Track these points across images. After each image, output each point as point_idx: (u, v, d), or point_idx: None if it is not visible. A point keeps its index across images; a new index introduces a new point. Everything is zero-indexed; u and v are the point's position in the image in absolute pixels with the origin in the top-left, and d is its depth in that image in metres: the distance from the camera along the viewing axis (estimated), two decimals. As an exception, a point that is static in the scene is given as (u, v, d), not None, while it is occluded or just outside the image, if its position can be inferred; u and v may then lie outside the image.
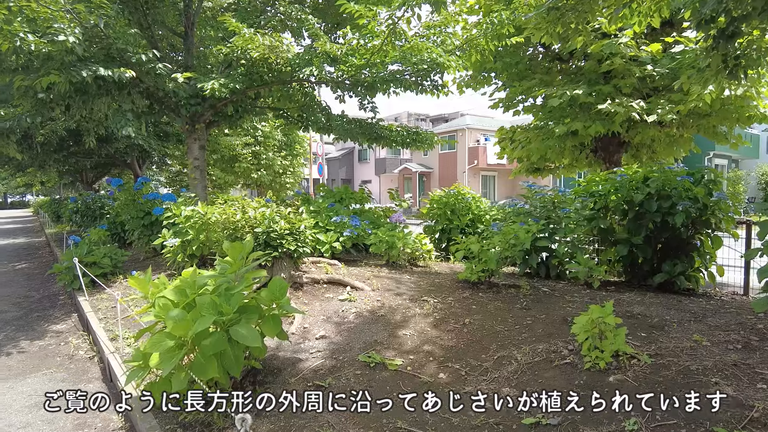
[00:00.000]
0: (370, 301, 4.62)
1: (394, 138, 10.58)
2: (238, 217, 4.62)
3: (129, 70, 6.53)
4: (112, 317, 5.81)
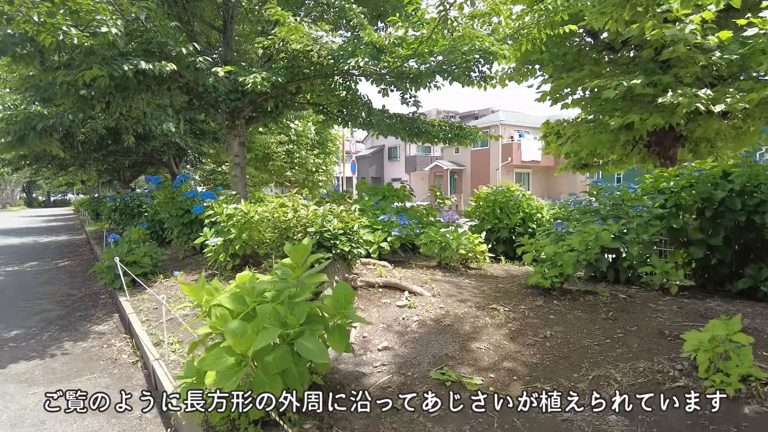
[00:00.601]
0: (432, 309, 4.23)
1: (436, 133, 10.16)
2: (289, 216, 4.30)
3: (170, 63, 6.32)
4: (155, 319, 5.59)
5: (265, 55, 8.67)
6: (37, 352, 5.28)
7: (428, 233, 5.97)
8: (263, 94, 7.96)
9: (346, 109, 9.21)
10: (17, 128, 7.91)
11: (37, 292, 8.41)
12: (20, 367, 4.84)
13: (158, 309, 5.93)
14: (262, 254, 7.06)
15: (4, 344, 5.62)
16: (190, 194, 8.36)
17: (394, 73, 7.61)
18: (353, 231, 4.37)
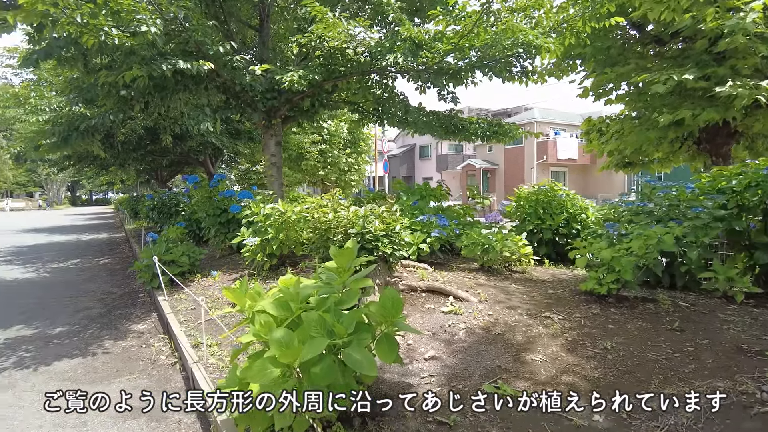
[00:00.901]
0: (480, 316, 4.01)
1: (474, 131, 9.88)
2: (330, 217, 4.16)
3: (207, 62, 6.29)
4: (193, 320, 5.56)
5: (301, 54, 8.59)
6: (80, 350, 5.32)
7: (470, 235, 5.73)
8: (299, 93, 7.87)
9: (382, 107, 9.04)
10: (62, 129, 8.08)
11: (80, 289, 8.58)
12: (64, 365, 4.87)
13: (196, 309, 5.91)
14: (299, 254, 6.99)
15: (50, 341, 5.70)
16: (227, 194, 8.37)
17: (433, 70, 7.39)
18: (395, 232, 4.18)
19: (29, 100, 11.83)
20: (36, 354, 5.25)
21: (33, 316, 6.83)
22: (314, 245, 4.17)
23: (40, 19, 5.57)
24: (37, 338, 5.82)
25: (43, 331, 6.11)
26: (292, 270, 6.87)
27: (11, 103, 13.68)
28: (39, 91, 12.13)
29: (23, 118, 12.51)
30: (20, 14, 5.62)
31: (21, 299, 7.87)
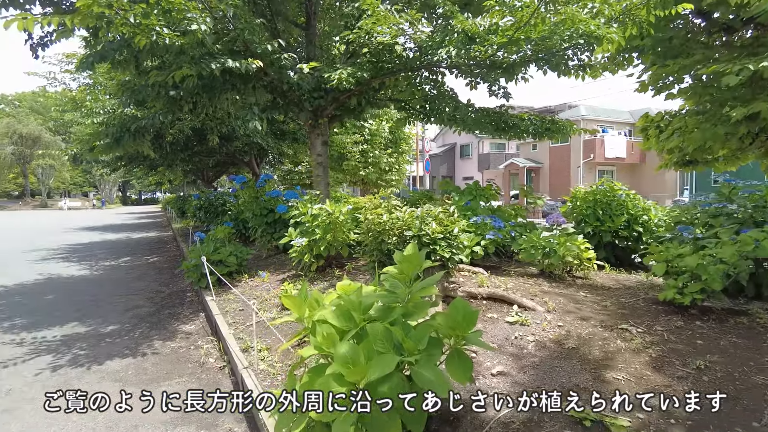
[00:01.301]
0: (549, 327, 3.69)
1: (525, 128, 9.45)
2: (384, 218, 3.94)
3: (256, 60, 6.20)
4: (241, 322, 5.47)
5: (348, 52, 8.42)
6: (130, 350, 5.32)
7: (530, 237, 5.39)
8: (346, 92, 7.70)
9: (429, 105, 8.76)
10: (114, 130, 8.23)
11: (129, 288, 8.73)
12: (115, 365, 4.86)
13: (244, 310, 5.83)
14: (346, 256, 6.82)
15: (102, 339, 5.74)
16: (273, 194, 8.31)
17: (485, 64, 7.07)
18: (453, 235, 3.91)
19: (85, 103, 12.23)
20: (89, 352, 5.28)
21: (87, 313, 6.96)
22: (367, 248, 3.96)
23: (96, 21, 5.63)
24: (90, 336, 5.88)
25: (95, 329, 6.18)
26: (339, 271, 6.71)
27: (69, 106, 14.22)
28: (94, 95, 12.52)
29: (79, 120, 12.96)
30: (77, 17, 5.70)
31: (76, 296, 8.06)
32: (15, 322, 6.61)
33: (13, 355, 5.24)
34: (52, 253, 13.68)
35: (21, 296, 8.19)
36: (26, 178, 55.61)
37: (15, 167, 53.39)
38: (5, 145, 49.51)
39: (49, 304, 7.57)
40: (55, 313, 6.96)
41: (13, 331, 6.17)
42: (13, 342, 5.72)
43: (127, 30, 5.68)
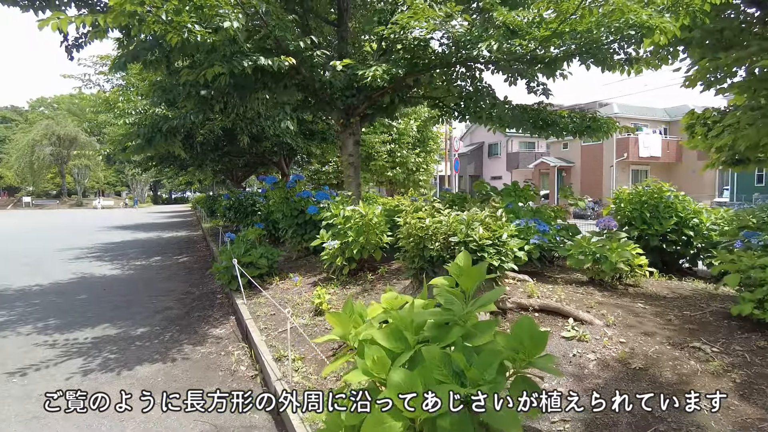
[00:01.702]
0: (610, 344, 3.35)
1: (565, 125, 9.03)
2: (427, 223, 3.66)
3: (288, 58, 6.01)
4: (273, 327, 5.28)
5: (380, 49, 8.18)
6: (160, 355, 5.20)
7: (578, 242, 5.03)
8: (379, 89, 7.46)
9: (465, 102, 8.43)
10: (146, 131, 8.20)
11: (160, 288, 8.69)
12: (145, 371, 4.74)
13: (276, 315, 5.65)
14: (379, 259, 6.58)
15: (132, 342, 5.65)
16: (304, 194, 8.13)
17: (526, 59, 6.72)
18: (502, 241, 3.60)
19: (117, 104, 12.36)
20: (119, 356, 5.18)
21: (117, 314, 6.91)
22: (407, 254, 3.69)
23: (128, 19, 5.53)
24: (120, 339, 5.80)
25: (126, 331, 6.10)
26: (372, 275, 6.47)
27: (102, 107, 14.42)
28: (126, 96, 12.64)
29: (112, 121, 13.11)
30: (109, 16, 5.62)
31: (108, 296, 8.05)
32: (49, 322, 6.60)
33: (45, 358, 5.19)
34: (86, 252, 13.89)
35: (55, 296, 8.24)
36: (63, 177, 57.38)
37: (53, 167, 55.13)
38: (44, 146, 51.18)
39: (82, 304, 7.56)
40: (87, 314, 6.94)
41: (46, 331, 6.15)
42: (46, 343, 5.68)
43: (159, 28, 5.57)
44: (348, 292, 5.95)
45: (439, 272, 3.65)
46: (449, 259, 3.54)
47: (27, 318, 6.82)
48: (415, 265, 3.64)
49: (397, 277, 6.24)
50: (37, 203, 55.60)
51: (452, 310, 2.12)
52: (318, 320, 5.08)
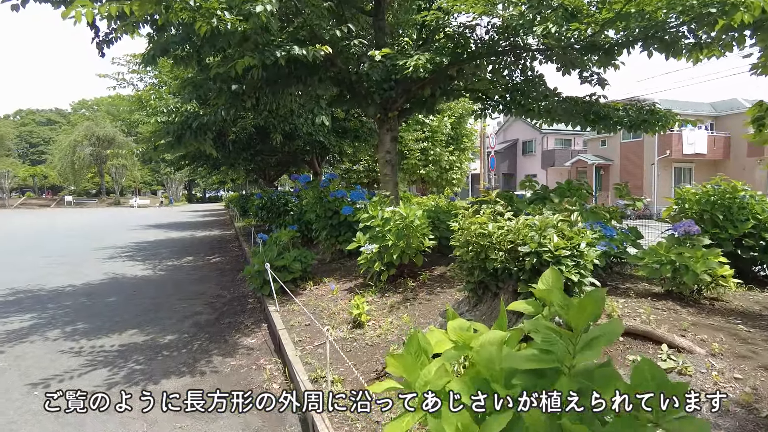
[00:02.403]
0: (722, 380, 2.72)
1: (619, 119, 8.30)
2: (489, 228, 3.10)
3: (324, 47, 5.56)
4: (308, 340, 4.83)
5: (419, 39, 7.66)
6: (187, 367, 4.83)
7: (653, 249, 4.40)
8: (419, 81, 6.95)
9: (510, 94, 7.80)
10: (176, 128, 7.92)
11: (190, 291, 8.41)
12: (171, 385, 4.37)
13: (311, 325, 5.21)
14: (420, 264, 6.07)
15: (159, 352, 5.32)
16: (338, 194, 7.69)
17: (584, 45, 6.08)
18: (580, 251, 3.01)
19: (149, 102, 12.23)
20: (145, 367, 4.84)
21: (146, 319, 6.63)
22: (464, 265, 3.16)
23: (155, 6, 5.20)
24: (147, 347, 5.48)
25: (153, 338, 5.78)
26: (413, 282, 5.97)
27: (135, 106, 14.39)
28: (158, 93, 12.51)
29: (145, 120, 13.00)
30: (135, 3, 5.31)
31: (137, 299, 7.81)
32: (77, 326, 6.37)
33: (70, 367, 4.90)
34: (119, 252, 13.87)
35: (86, 297, 8.06)
36: (102, 177, 59.08)
37: (92, 167, 56.82)
38: (84, 147, 52.78)
39: (111, 307, 7.33)
40: (115, 319, 6.68)
41: (73, 337, 5.90)
42: (72, 350, 5.41)
43: (187, 15, 5.21)
44: (388, 300, 5.47)
45: (503, 287, 3.12)
46: (517, 273, 3.00)
47: (56, 321, 6.61)
48: (474, 278, 3.11)
49: (440, 286, 5.72)
50: (77, 202, 57.44)
51: (553, 352, 1.58)
52: (357, 334, 4.60)
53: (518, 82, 7.57)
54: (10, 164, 58.86)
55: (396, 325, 4.58)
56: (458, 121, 24.66)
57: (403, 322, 4.61)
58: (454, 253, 3.37)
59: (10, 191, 58.49)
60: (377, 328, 4.62)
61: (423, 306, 5.00)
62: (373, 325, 4.71)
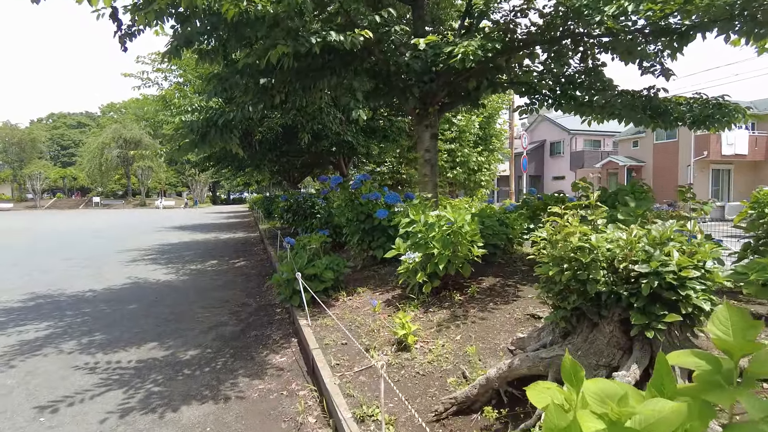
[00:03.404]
0: None
1: (681, 115, 7.51)
2: (593, 240, 2.42)
3: (365, 31, 4.97)
4: (347, 364, 4.22)
5: (462, 27, 7.01)
6: (210, 390, 4.28)
7: (760, 263, 3.67)
8: (463, 73, 6.31)
9: (562, 87, 7.07)
10: (199, 125, 7.45)
11: (214, 298, 7.93)
12: (191, 414, 3.83)
13: (349, 344, 4.61)
14: (467, 275, 5.42)
15: (180, 370, 4.80)
16: (372, 197, 7.09)
17: (653, 29, 5.36)
18: (708, 271, 2.33)
19: (173, 101, 11.88)
20: (164, 389, 4.32)
21: (167, 330, 6.15)
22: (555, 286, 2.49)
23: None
24: (167, 364, 4.97)
25: (174, 353, 5.27)
26: (460, 295, 5.32)
27: (160, 105, 14.09)
28: (183, 92, 12.15)
29: (169, 120, 12.67)
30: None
31: (159, 307, 7.36)
32: (94, 337, 5.93)
33: (81, 387, 4.41)
34: (143, 254, 13.55)
35: (106, 304, 7.65)
36: (128, 178, 59.94)
37: (119, 169, 57.69)
38: (112, 149, 53.59)
39: (131, 316, 6.88)
40: (134, 329, 6.21)
41: (89, 350, 5.44)
42: (87, 366, 4.94)
43: None
44: (434, 317, 4.83)
45: (607, 316, 2.45)
46: (628, 298, 2.33)
47: (73, 331, 6.19)
48: (568, 305, 2.45)
49: (493, 301, 5.06)
50: (105, 203, 58.33)
51: None
52: (404, 359, 3.97)
53: (572, 74, 6.85)
54: (42, 166, 60.18)
55: (449, 350, 3.94)
56: (487, 120, 23.88)
57: (458, 346, 3.97)
58: (537, 272, 2.72)
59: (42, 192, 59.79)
60: (427, 351, 4.00)
61: (477, 326, 4.35)
62: (422, 348, 4.09)
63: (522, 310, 4.58)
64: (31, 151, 60.78)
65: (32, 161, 60.08)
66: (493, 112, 23.22)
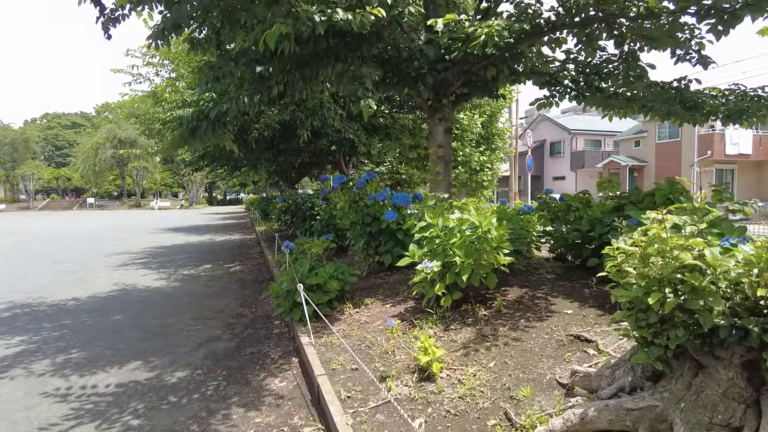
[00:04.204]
0: None
1: (713, 108, 6.91)
2: (709, 257, 1.80)
3: (377, 9, 4.33)
4: (359, 395, 3.57)
5: (478, 11, 6.39)
6: (199, 425, 3.64)
7: None
8: (481, 60, 5.67)
9: (586, 78, 6.44)
10: (189, 118, 6.80)
11: (206, 307, 7.28)
12: (175, 459, 3.18)
13: (360, 371, 3.97)
14: (492, 287, 4.78)
15: (165, 396, 4.15)
16: (379, 197, 6.45)
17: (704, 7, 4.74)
18: None
19: (164, 96, 11.23)
20: (144, 422, 3.68)
21: (153, 346, 5.50)
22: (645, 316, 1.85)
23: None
24: (151, 388, 4.32)
25: (159, 376, 4.62)
26: (484, 309, 4.69)
27: (151, 101, 13.42)
28: (175, 87, 11.50)
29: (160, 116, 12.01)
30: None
31: (146, 318, 6.71)
32: (70, 355, 5.27)
33: (48, 420, 3.76)
34: (133, 258, 12.89)
35: (88, 315, 7.00)
36: (123, 179, 59.15)
37: (114, 169, 56.91)
38: (106, 149, 52.81)
39: (115, 328, 6.24)
40: (117, 345, 5.56)
41: (63, 372, 4.78)
42: (58, 393, 4.28)
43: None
44: (457, 336, 4.20)
45: (725, 359, 1.82)
46: (760, 335, 1.70)
47: (48, 348, 5.53)
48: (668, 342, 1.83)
49: (524, 317, 4.43)
50: (99, 204, 57.56)
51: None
52: (429, 392, 3.32)
53: (598, 63, 6.22)
54: (35, 167, 59.36)
55: (483, 381, 3.30)
56: (489, 119, 23.30)
57: (493, 376, 3.33)
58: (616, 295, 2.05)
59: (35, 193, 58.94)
60: (456, 382, 3.35)
61: (513, 349, 3.71)
62: (449, 378, 3.44)
63: (563, 330, 3.94)
64: (24, 152, 59.99)
65: (25, 162, 59.30)
66: (496, 110, 22.66)
